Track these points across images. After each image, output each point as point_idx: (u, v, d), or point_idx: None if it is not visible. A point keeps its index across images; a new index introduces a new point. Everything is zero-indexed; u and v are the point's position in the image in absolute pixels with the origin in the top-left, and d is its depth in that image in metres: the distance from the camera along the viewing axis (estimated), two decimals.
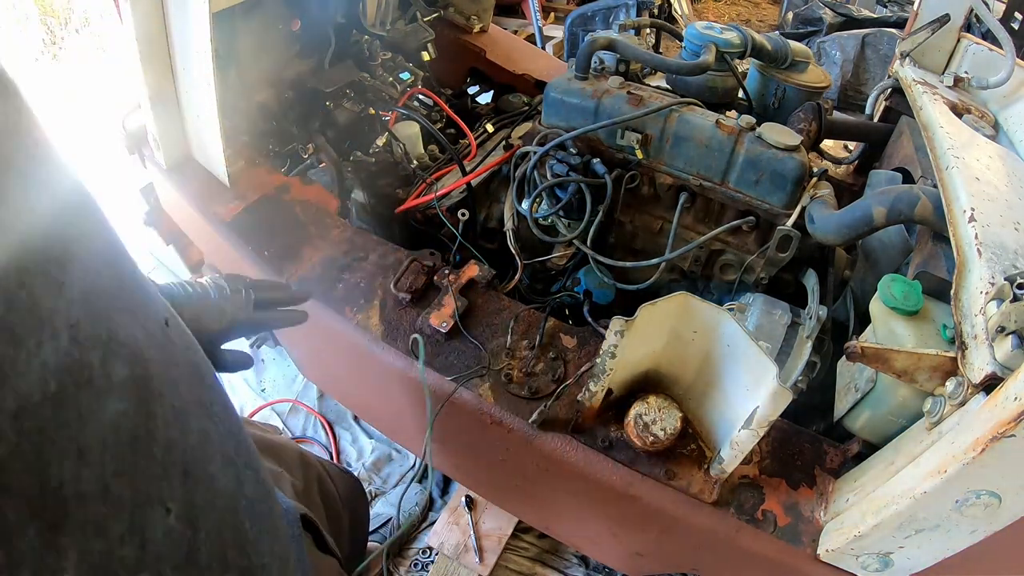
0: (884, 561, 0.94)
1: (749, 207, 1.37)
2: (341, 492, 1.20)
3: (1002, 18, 3.29)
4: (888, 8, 4.68)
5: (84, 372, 0.35)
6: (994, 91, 1.54)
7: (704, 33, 1.50)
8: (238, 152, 1.58)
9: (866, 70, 3.90)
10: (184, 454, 0.44)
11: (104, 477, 0.36)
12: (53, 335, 0.32)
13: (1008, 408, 0.73)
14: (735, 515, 1.05)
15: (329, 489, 1.15)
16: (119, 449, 0.37)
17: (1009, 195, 1.10)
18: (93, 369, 0.35)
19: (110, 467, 0.36)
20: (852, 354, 0.93)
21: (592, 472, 1.11)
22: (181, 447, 0.44)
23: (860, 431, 1.07)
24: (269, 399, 2.10)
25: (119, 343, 0.38)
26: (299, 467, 1.08)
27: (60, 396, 0.33)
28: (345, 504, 1.20)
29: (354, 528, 1.28)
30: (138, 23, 1.27)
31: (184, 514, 0.43)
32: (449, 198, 1.64)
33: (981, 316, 0.88)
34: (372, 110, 1.80)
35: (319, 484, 1.12)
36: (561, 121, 1.48)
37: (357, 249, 1.43)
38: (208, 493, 0.47)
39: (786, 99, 1.59)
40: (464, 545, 1.69)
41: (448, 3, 2.27)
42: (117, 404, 0.37)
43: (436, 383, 1.21)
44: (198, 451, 0.46)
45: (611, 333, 0.95)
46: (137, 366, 0.40)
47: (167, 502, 0.41)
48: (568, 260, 1.60)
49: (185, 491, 0.44)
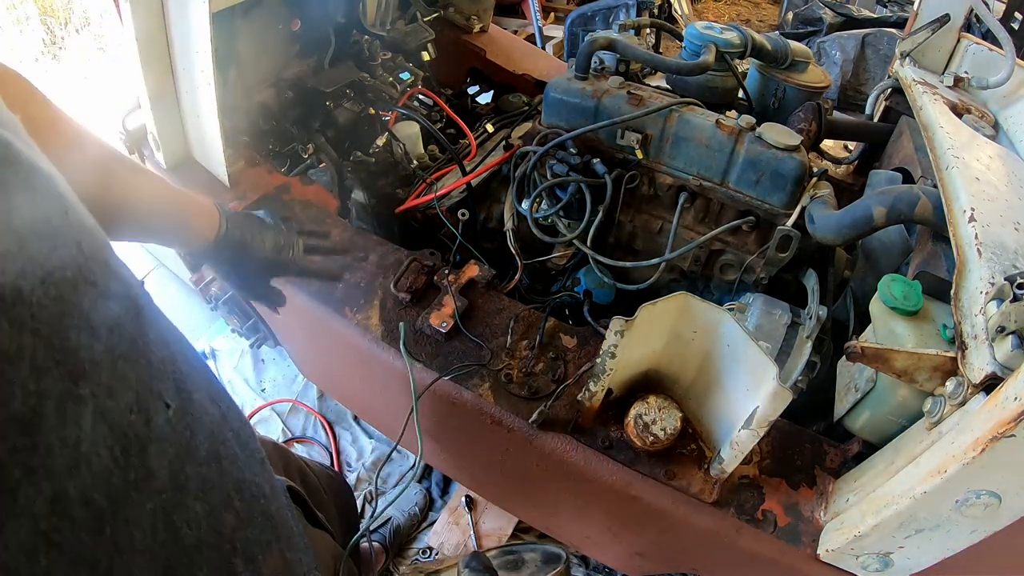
0: (884, 561, 0.94)
1: (749, 207, 1.37)
2: (325, 486, 1.21)
3: (1002, 18, 3.30)
4: (888, 8, 4.68)
5: (90, 276, 0.42)
6: (994, 91, 1.54)
7: (704, 33, 1.50)
8: (238, 152, 1.57)
9: (866, 70, 3.90)
10: (175, 372, 0.50)
11: (112, 355, 0.42)
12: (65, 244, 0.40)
13: (1008, 408, 0.73)
14: (735, 515, 1.05)
15: (312, 482, 1.16)
16: (121, 339, 0.43)
17: (1009, 195, 1.10)
18: (96, 276, 0.43)
19: (117, 350, 0.42)
20: (852, 354, 0.92)
21: (592, 472, 1.11)
22: (171, 367, 0.50)
23: (860, 431, 1.07)
24: (269, 399, 2.10)
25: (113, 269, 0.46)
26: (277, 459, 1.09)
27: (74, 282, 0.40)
28: (332, 498, 1.21)
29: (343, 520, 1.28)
30: (138, 23, 1.27)
31: (181, 416, 0.48)
32: (449, 198, 1.64)
33: (981, 316, 0.87)
34: (372, 110, 1.80)
35: (300, 475, 1.14)
36: (561, 121, 1.48)
37: (357, 249, 1.43)
38: (198, 410, 0.51)
39: (786, 99, 1.59)
40: (464, 545, 1.69)
41: (448, 3, 2.27)
42: (117, 308, 0.44)
43: (429, 377, 1.21)
44: (186, 378, 0.51)
45: (611, 333, 0.95)
46: (130, 290, 0.47)
47: (165, 398, 0.47)
48: (568, 260, 1.60)
49: (180, 400, 0.49)
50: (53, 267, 0.38)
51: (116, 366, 0.42)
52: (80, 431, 0.37)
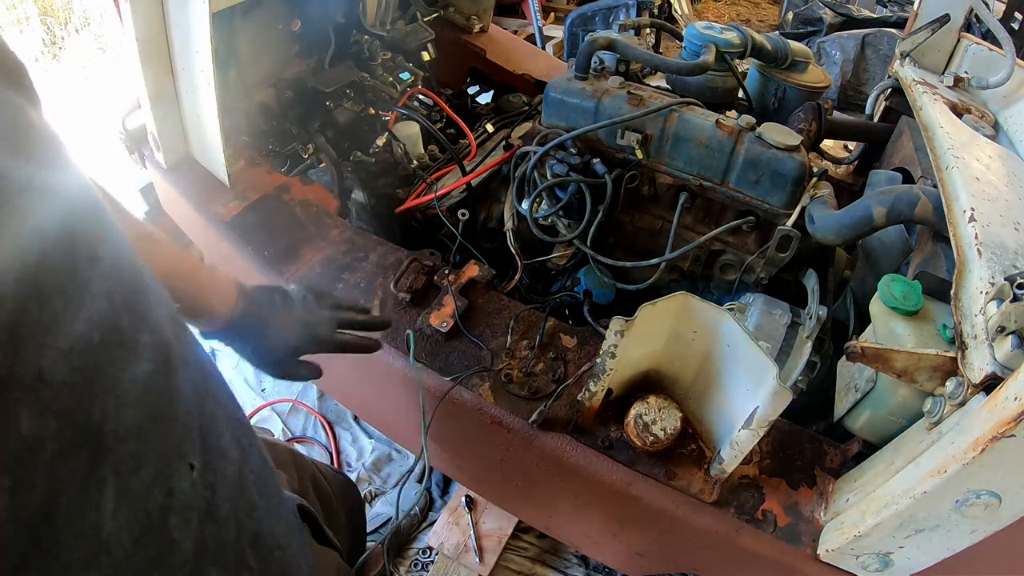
0: (884, 561, 0.94)
1: (749, 207, 1.37)
2: (336, 492, 1.20)
3: (1002, 18, 3.30)
4: (888, 8, 4.68)
5: (119, 333, 0.40)
6: (994, 91, 1.54)
7: (704, 33, 1.50)
8: (238, 152, 1.58)
9: (866, 70, 3.90)
10: (201, 420, 0.48)
11: (138, 422, 0.40)
12: (94, 300, 0.37)
13: (1008, 408, 0.73)
14: (735, 515, 1.04)
15: (324, 488, 1.15)
16: (149, 401, 0.42)
17: (1009, 195, 1.10)
18: (125, 332, 0.40)
19: (144, 415, 0.41)
20: (852, 354, 0.92)
21: (592, 472, 1.11)
22: (198, 415, 0.48)
23: (860, 431, 1.07)
24: (269, 399, 2.10)
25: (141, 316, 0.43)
26: (292, 467, 1.08)
27: (102, 346, 0.37)
28: (341, 503, 1.20)
29: (352, 527, 1.28)
30: (138, 23, 1.27)
31: (204, 474, 0.47)
32: (449, 198, 1.64)
33: (981, 316, 0.87)
34: (372, 110, 1.80)
35: (313, 483, 1.12)
36: (561, 121, 1.48)
37: (357, 249, 1.43)
38: (222, 460, 0.50)
39: (786, 99, 1.59)
40: (464, 545, 1.69)
41: (448, 3, 2.27)
42: (145, 364, 0.42)
43: (435, 383, 1.21)
44: (210, 423, 0.50)
45: (611, 333, 0.95)
46: (160, 337, 0.45)
47: (190, 458, 0.45)
48: (568, 260, 1.60)
49: (204, 453, 0.47)
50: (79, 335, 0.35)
51: (142, 434, 0.40)
52: (100, 516, 0.36)
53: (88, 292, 0.37)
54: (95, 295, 0.38)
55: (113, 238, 0.42)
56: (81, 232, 0.38)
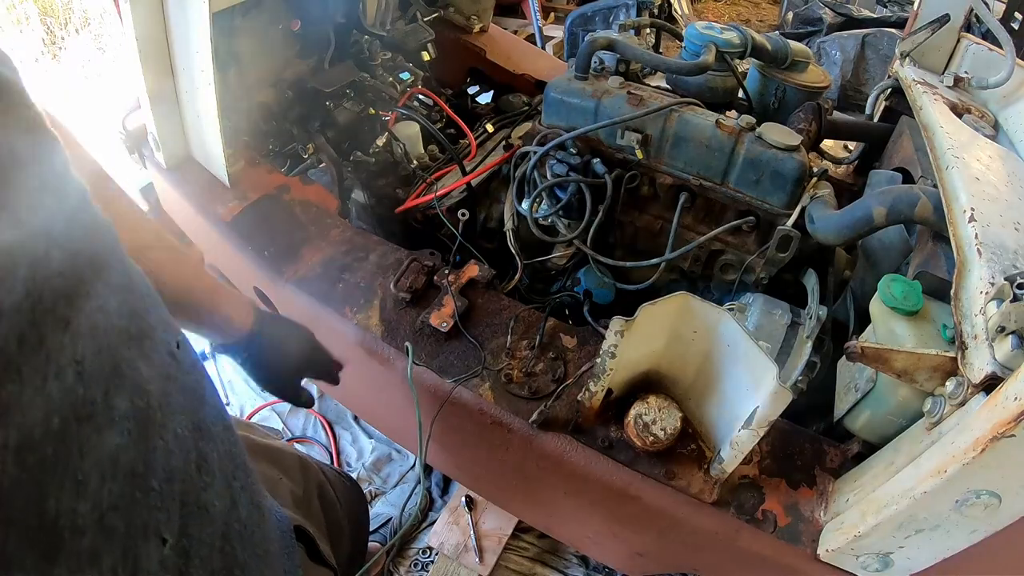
0: (884, 561, 0.94)
1: (749, 207, 1.37)
2: (341, 498, 1.20)
3: (1002, 18, 3.30)
4: (888, 8, 4.68)
5: (87, 408, 0.35)
6: (994, 91, 1.53)
7: (704, 33, 1.50)
8: (238, 152, 1.58)
9: (866, 70, 3.90)
10: (183, 483, 0.45)
11: (100, 509, 0.36)
12: (58, 373, 0.33)
13: (1008, 408, 0.73)
14: (735, 515, 1.05)
15: (329, 496, 1.15)
16: (117, 482, 0.37)
17: (1009, 195, 1.10)
18: (96, 405, 0.36)
19: (107, 500, 0.36)
20: (852, 354, 0.92)
21: (592, 472, 1.11)
22: (180, 476, 0.45)
23: (860, 431, 1.07)
24: (269, 399, 2.10)
25: (122, 376, 0.39)
26: (299, 473, 1.08)
27: (62, 432, 0.33)
28: (345, 510, 1.20)
29: (354, 534, 1.27)
30: (138, 23, 1.27)
31: (178, 544, 0.43)
32: (449, 198, 1.64)
33: (981, 316, 0.87)
34: (372, 110, 1.80)
35: (319, 491, 1.12)
36: (561, 121, 1.48)
37: (357, 249, 1.43)
38: (203, 523, 0.47)
39: (786, 99, 1.59)
40: (464, 545, 1.69)
41: (448, 3, 2.27)
42: (117, 438, 0.38)
43: (436, 384, 1.21)
44: (196, 480, 0.47)
45: (611, 333, 0.95)
46: (139, 398, 0.41)
47: (163, 533, 0.42)
48: (568, 260, 1.60)
49: (181, 522, 0.44)
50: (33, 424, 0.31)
51: (103, 522, 0.36)
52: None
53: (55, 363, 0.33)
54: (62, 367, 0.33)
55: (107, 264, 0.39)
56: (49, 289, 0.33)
